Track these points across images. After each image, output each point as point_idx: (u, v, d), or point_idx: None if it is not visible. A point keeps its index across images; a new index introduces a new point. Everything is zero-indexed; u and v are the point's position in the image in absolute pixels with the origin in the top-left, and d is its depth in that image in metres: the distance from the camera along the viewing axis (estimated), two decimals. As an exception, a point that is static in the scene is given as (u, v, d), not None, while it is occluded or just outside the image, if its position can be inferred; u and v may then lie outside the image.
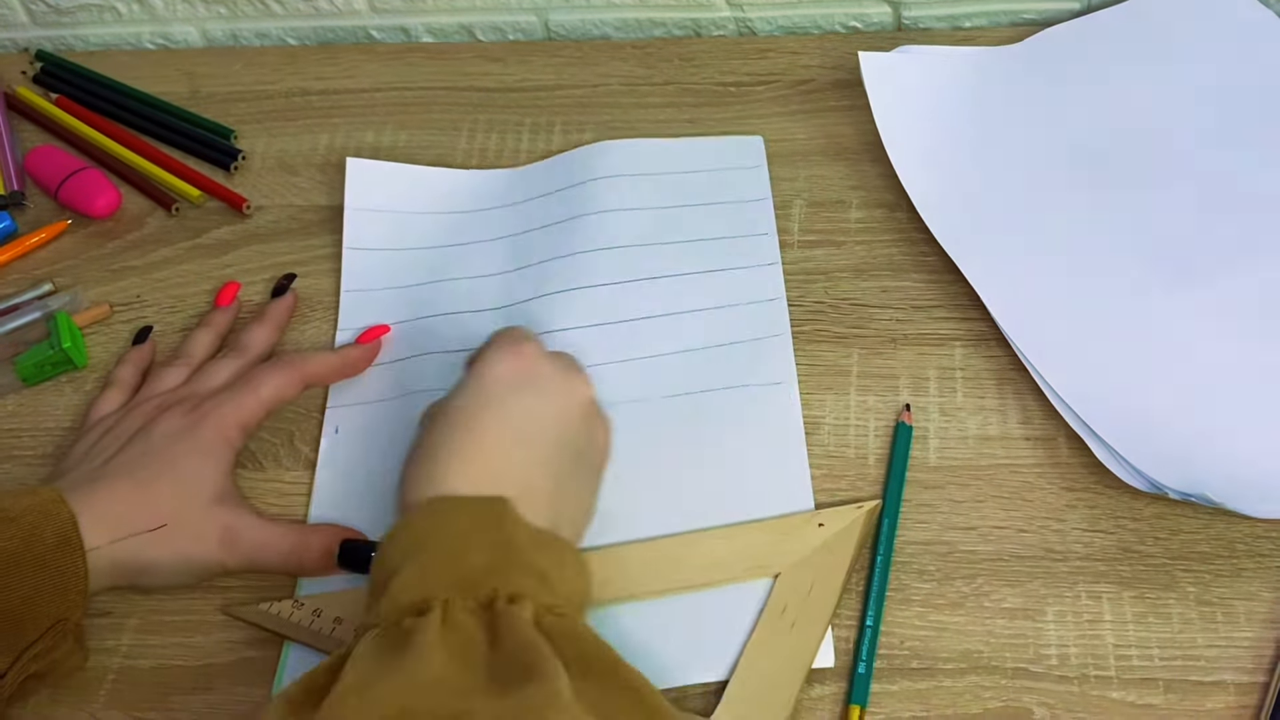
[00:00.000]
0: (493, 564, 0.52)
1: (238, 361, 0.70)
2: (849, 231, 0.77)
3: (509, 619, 0.49)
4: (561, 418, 0.59)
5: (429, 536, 0.53)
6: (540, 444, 0.57)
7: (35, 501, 0.58)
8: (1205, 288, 0.70)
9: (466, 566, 0.51)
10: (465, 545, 0.52)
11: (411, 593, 0.50)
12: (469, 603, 0.50)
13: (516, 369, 0.59)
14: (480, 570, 0.51)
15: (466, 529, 0.53)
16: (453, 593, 0.50)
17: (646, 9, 0.90)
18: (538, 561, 0.53)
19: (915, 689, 0.60)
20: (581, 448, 0.60)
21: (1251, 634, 0.60)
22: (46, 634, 0.57)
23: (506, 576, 0.51)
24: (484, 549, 0.52)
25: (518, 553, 0.52)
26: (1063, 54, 0.83)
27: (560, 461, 0.58)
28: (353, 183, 0.80)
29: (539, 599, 0.51)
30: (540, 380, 0.60)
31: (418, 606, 0.50)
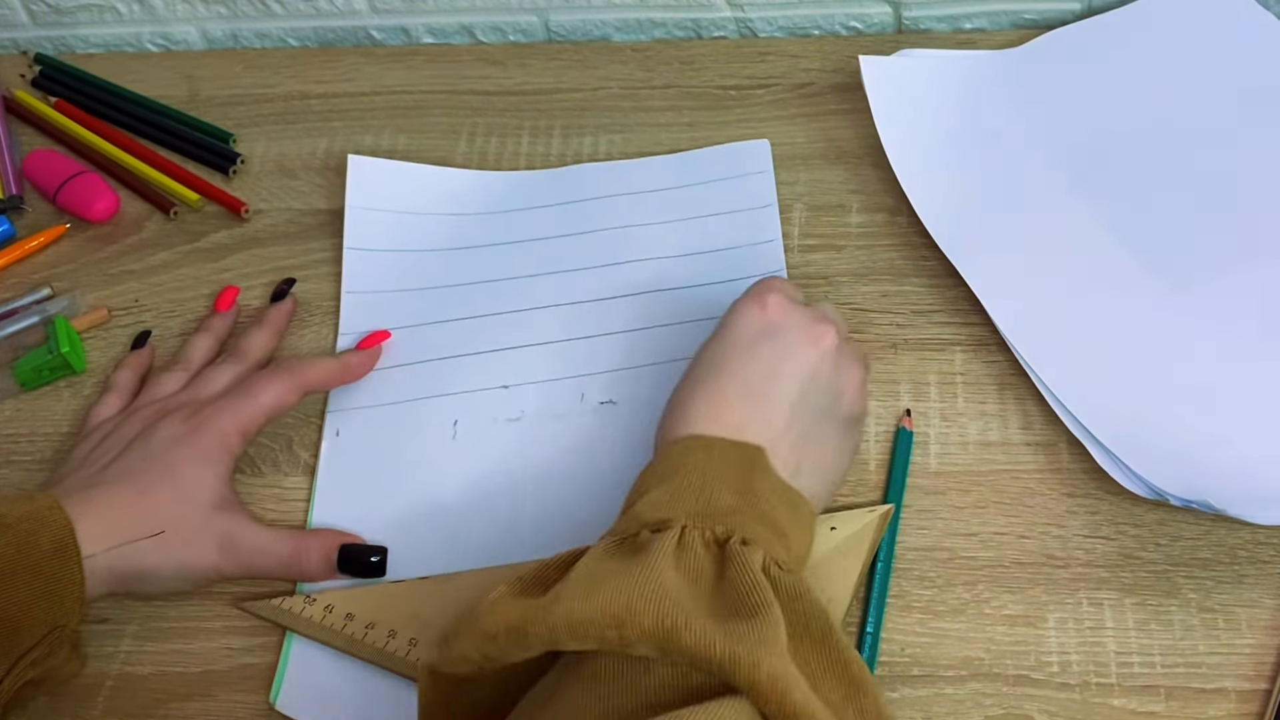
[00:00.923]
0: (735, 506, 0.53)
1: (237, 367, 0.70)
2: (849, 236, 0.77)
3: (739, 559, 0.50)
4: (803, 367, 0.59)
5: (680, 468, 0.54)
6: (779, 396, 0.58)
7: (32, 508, 0.58)
8: (1207, 292, 0.70)
9: (711, 502, 0.53)
10: (714, 483, 0.54)
11: (655, 512, 0.52)
12: (705, 534, 0.51)
13: (760, 320, 0.61)
14: (723, 509, 0.52)
15: (718, 468, 0.54)
16: (693, 521, 0.52)
17: (646, 9, 0.90)
18: (778, 515, 0.54)
19: (916, 696, 0.59)
20: (828, 401, 0.60)
21: (1253, 641, 0.60)
22: (43, 641, 0.57)
23: (745, 521, 0.52)
24: (729, 491, 0.53)
25: (761, 501, 0.54)
26: (1063, 58, 0.83)
27: (804, 411, 0.59)
28: (354, 181, 0.80)
29: (771, 550, 0.52)
30: (780, 332, 0.60)
31: (658, 524, 0.51)
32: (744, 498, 0.54)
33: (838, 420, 0.61)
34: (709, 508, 0.52)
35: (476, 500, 0.67)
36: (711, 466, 0.55)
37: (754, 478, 0.55)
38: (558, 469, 0.68)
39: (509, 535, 0.66)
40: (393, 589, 0.63)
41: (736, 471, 0.55)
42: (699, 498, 0.53)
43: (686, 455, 0.55)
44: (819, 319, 0.62)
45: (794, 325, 0.61)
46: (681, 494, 0.53)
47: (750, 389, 0.58)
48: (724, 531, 0.52)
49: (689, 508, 0.52)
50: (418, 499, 0.67)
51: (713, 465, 0.55)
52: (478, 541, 0.66)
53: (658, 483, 0.54)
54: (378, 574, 0.64)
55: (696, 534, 0.51)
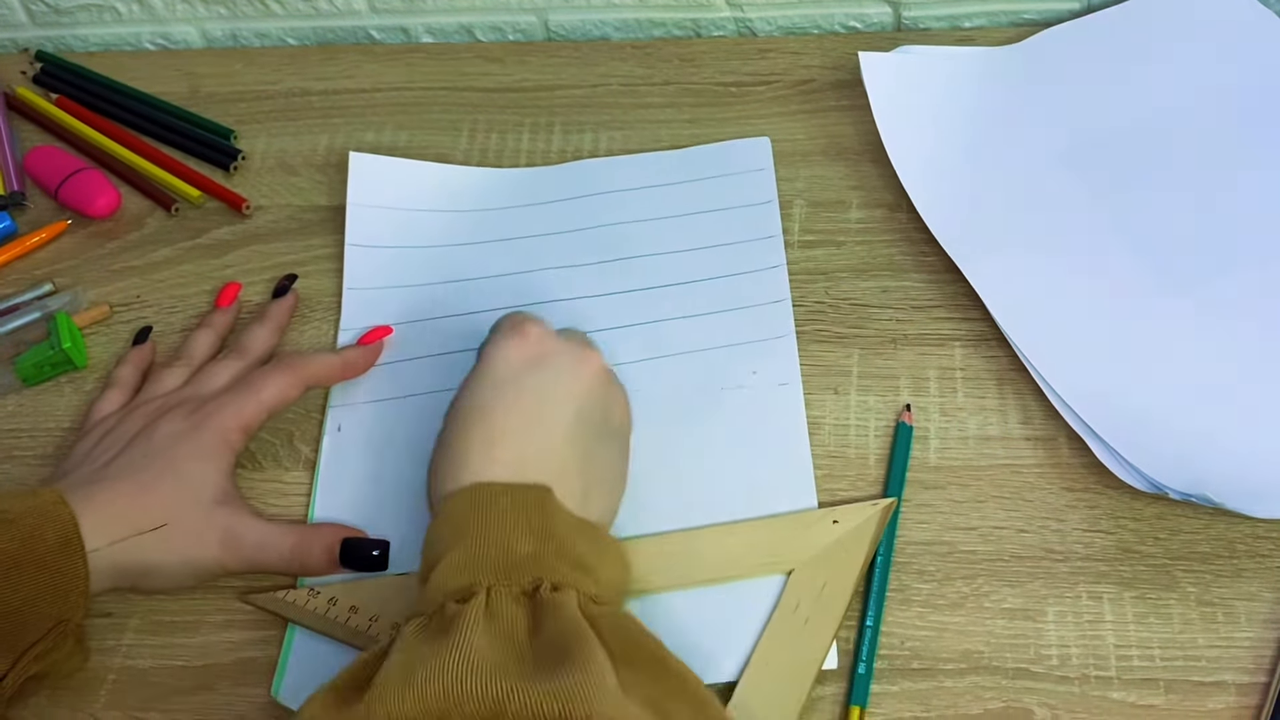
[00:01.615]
0: (536, 552, 0.52)
1: (239, 363, 0.70)
2: (849, 232, 0.77)
3: (553, 606, 0.50)
4: (575, 392, 0.59)
5: (470, 523, 0.53)
6: (558, 422, 0.58)
7: (36, 503, 0.58)
8: (1206, 287, 0.70)
9: (510, 553, 0.52)
10: (508, 532, 0.53)
11: (456, 579, 0.51)
12: (513, 589, 0.50)
13: (522, 352, 0.60)
14: (524, 557, 0.52)
15: (508, 516, 0.53)
16: (496, 579, 0.51)
17: (646, 9, 0.90)
18: (579, 550, 0.53)
19: (916, 689, 0.60)
20: (601, 419, 0.60)
21: (1252, 634, 0.60)
22: (47, 635, 0.57)
23: (550, 565, 0.52)
24: (527, 536, 0.52)
25: (560, 541, 0.53)
26: (1062, 54, 0.83)
27: (582, 437, 0.58)
28: (355, 178, 0.80)
29: (583, 588, 0.51)
30: (548, 359, 0.60)
31: (461, 593, 0.50)
32: (542, 541, 0.53)
33: (613, 439, 0.61)
34: (511, 560, 0.51)
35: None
36: (501, 515, 0.53)
37: (546, 518, 0.54)
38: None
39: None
40: (396, 582, 0.64)
41: (528, 514, 0.53)
42: (496, 553, 0.52)
43: (473, 508, 0.54)
44: (579, 342, 0.62)
45: (558, 351, 0.60)
46: (477, 553, 0.52)
47: (525, 422, 0.57)
48: (530, 582, 0.51)
49: (489, 566, 0.51)
50: (419, 494, 0.67)
51: (502, 514, 0.53)
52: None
53: (451, 544, 0.53)
54: (379, 568, 0.64)
55: (504, 593, 0.50)
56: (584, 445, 0.58)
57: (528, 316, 0.63)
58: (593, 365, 0.61)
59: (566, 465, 0.57)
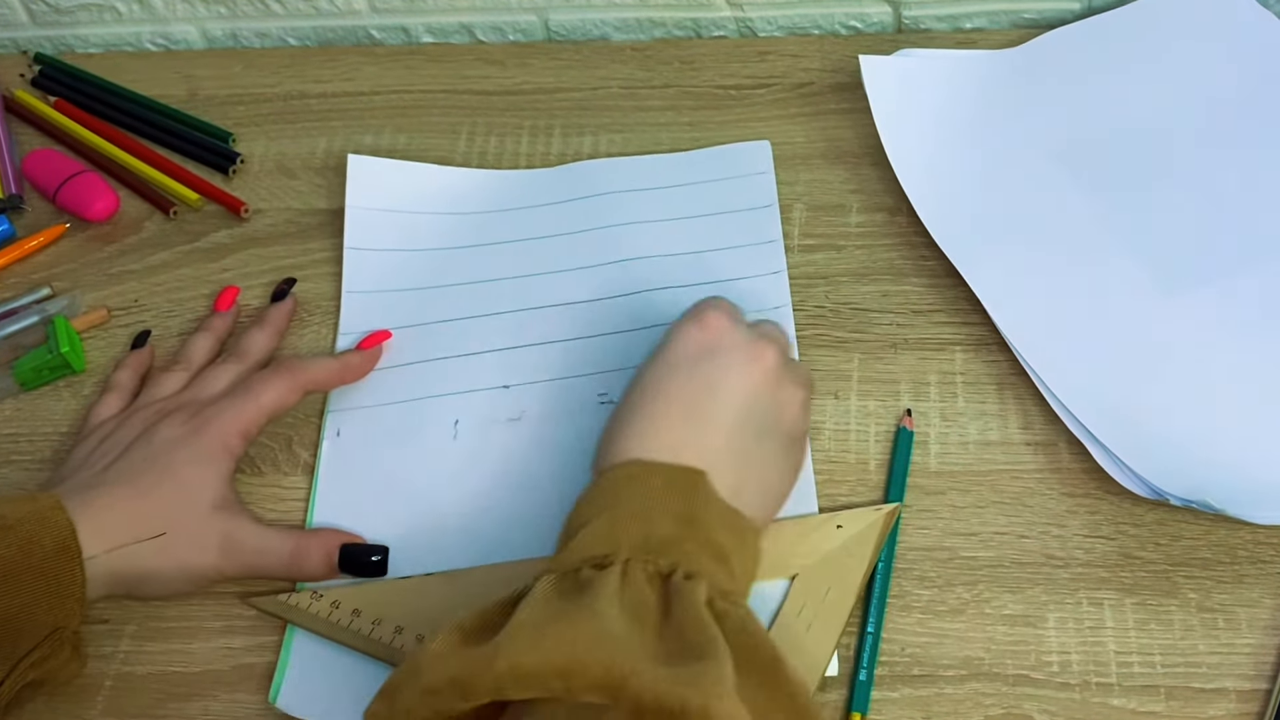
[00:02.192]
0: (677, 535, 0.52)
1: (238, 367, 0.70)
2: (849, 236, 0.77)
3: (684, 594, 0.50)
4: (743, 387, 0.59)
5: (621, 496, 0.54)
6: (721, 416, 0.57)
7: (33, 509, 0.58)
8: (1207, 292, 0.70)
9: (652, 532, 0.52)
10: (654, 511, 0.53)
11: (596, 546, 0.52)
12: (649, 567, 0.51)
13: (700, 339, 0.60)
14: (664, 539, 0.52)
15: (658, 494, 0.54)
16: (635, 553, 0.51)
17: (646, 9, 0.90)
18: (720, 540, 0.53)
19: (916, 696, 0.60)
20: (767, 420, 0.59)
21: (1253, 641, 0.60)
22: (44, 642, 0.57)
23: (689, 551, 0.52)
24: (671, 519, 0.53)
25: (703, 528, 0.53)
26: (1063, 57, 0.83)
27: (745, 432, 0.58)
28: (354, 180, 0.80)
29: (715, 580, 0.51)
30: (722, 351, 0.59)
31: (599, 560, 0.51)
32: (685, 525, 0.53)
33: (779, 439, 0.60)
34: (650, 538, 0.52)
35: (477, 500, 0.67)
36: (651, 493, 0.54)
37: (695, 503, 0.54)
38: (558, 468, 0.68)
39: (509, 535, 0.66)
40: (399, 585, 0.64)
41: (677, 497, 0.54)
42: (640, 528, 0.52)
43: (626, 482, 0.55)
44: (760, 337, 0.61)
45: (734, 344, 0.60)
46: (622, 525, 0.52)
47: (690, 409, 0.57)
48: (667, 565, 0.51)
49: (630, 540, 0.52)
50: (418, 499, 0.67)
51: (653, 492, 0.54)
52: (478, 541, 0.65)
53: (597, 512, 0.53)
54: (378, 574, 0.64)
55: (639, 569, 0.50)
56: (743, 440, 0.58)
57: (716, 303, 0.63)
58: (766, 362, 0.60)
59: (721, 456, 0.56)
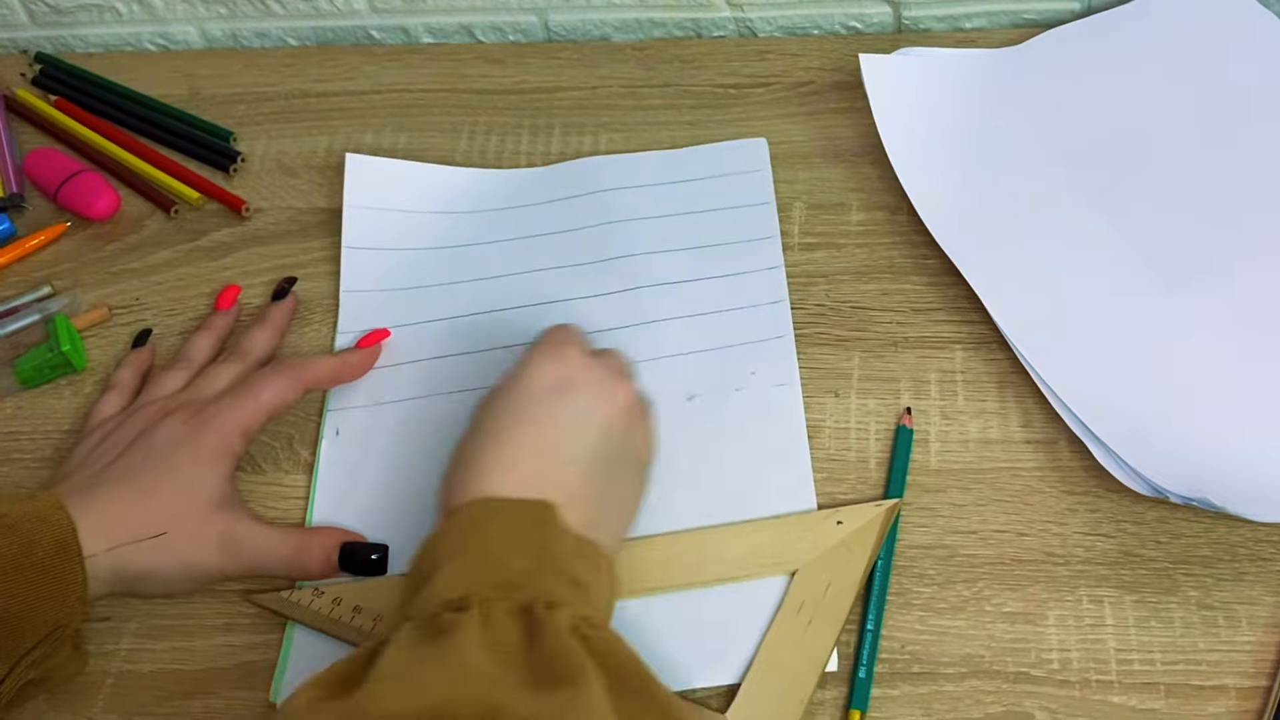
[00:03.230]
0: (532, 569, 0.52)
1: (238, 366, 0.70)
2: (849, 234, 0.77)
3: (546, 624, 0.50)
4: (600, 423, 0.59)
5: (471, 536, 0.53)
6: (578, 450, 0.58)
7: (34, 507, 0.58)
8: (1207, 290, 0.70)
9: (507, 569, 0.52)
10: (507, 548, 0.53)
11: (452, 589, 0.51)
12: (508, 604, 0.50)
13: (557, 373, 0.60)
14: (520, 574, 0.52)
15: (508, 531, 0.53)
16: (493, 593, 0.50)
17: (646, 9, 0.90)
18: (576, 570, 0.53)
19: (916, 693, 0.60)
20: (621, 452, 0.60)
21: (1253, 638, 0.60)
22: (45, 640, 0.57)
23: (545, 583, 0.52)
24: (524, 553, 0.53)
25: (557, 560, 0.53)
26: (1062, 56, 0.83)
27: (599, 467, 0.58)
28: (352, 180, 0.80)
29: (576, 608, 0.51)
30: (579, 386, 0.60)
31: (457, 603, 0.50)
32: (539, 558, 0.53)
33: (631, 470, 0.61)
34: (507, 575, 0.52)
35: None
36: (504, 531, 0.54)
37: (547, 536, 0.54)
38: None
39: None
40: (399, 581, 0.63)
41: (529, 532, 0.54)
42: (494, 567, 0.52)
43: (477, 521, 0.54)
44: (611, 373, 0.61)
45: (590, 380, 0.60)
46: (475, 565, 0.52)
47: (545, 446, 0.57)
48: (526, 598, 0.51)
49: (486, 579, 0.51)
50: (417, 497, 0.67)
51: (505, 529, 0.54)
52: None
53: (450, 555, 0.53)
54: (379, 572, 0.64)
55: (499, 607, 0.50)
56: (601, 475, 0.58)
57: (569, 337, 0.63)
58: (621, 398, 0.60)
59: (578, 491, 0.56)
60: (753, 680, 0.59)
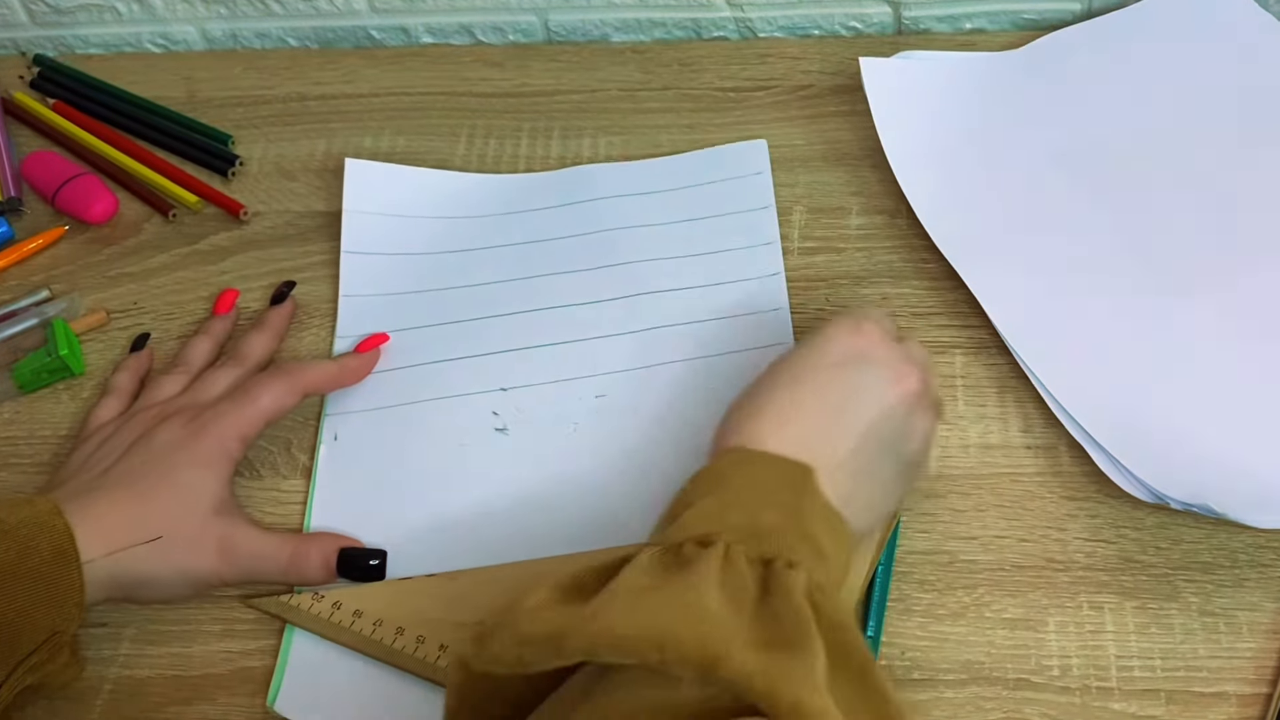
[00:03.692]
0: (781, 525, 0.52)
1: (237, 370, 0.70)
2: (849, 238, 0.76)
3: (783, 582, 0.49)
4: (882, 403, 0.58)
5: (730, 482, 0.54)
6: (854, 422, 0.57)
7: (32, 513, 0.58)
8: (1208, 295, 0.70)
9: (757, 518, 0.52)
10: (761, 499, 0.53)
11: (702, 525, 0.51)
12: (750, 552, 0.50)
13: (850, 344, 0.60)
14: (768, 527, 0.51)
15: (765, 485, 0.54)
16: (738, 537, 0.50)
17: (646, 9, 0.90)
18: (821, 538, 0.53)
19: (916, 700, 0.59)
20: (895, 438, 0.59)
21: (1254, 645, 0.60)
22: (42, 646, 0.57)
23: (790, 540, 0.51)
24: (777, 509, 0.53)
25: (805, 523, 0.53)
26: (1063, 59, 0.82)
27: (869, 445, 0.57)
28: (351, 184, 0.80)
29: (815, 574, 0.51)
30: (871, 361, 0.59)
31: (702, 538, 0.50)
32: (790, 517, 0.53)
33: (898, 461, 0.59)
34: (755, 524, 0.52)
35: (474, 502, 0.67)
36: (761, 481, 0.54)
37: (802, 498, 0.54)
38: (555, 470, 0.68)
39: (507, 537, 0.65)
40: (400, 586, 0.63)
41: (786, 490, 0.54)
42: (745, 513, 0.52)
43: (738, 467, 0.55)
44: (907, 359, 0.60)
45: (884, 358, 0.59)
46: (728, 507, 0.52)
47: (824, 411, 0.57)
48: (769, 551, 0.50)
49: (735, 522, 0.52)
50: (416, 501, 0.67)
51: (762, 480, 0.54)
52: (477, 543, 0.65)
53: (705, 493, 0.53)
54: (377, 578, 0.64)
55: (741, 552, 0.50)
56: (867, 454, 0.57)
57: (873, 314, 0.62)
58: (908, 384, 0.59)
59: (843, 464, 0.56)
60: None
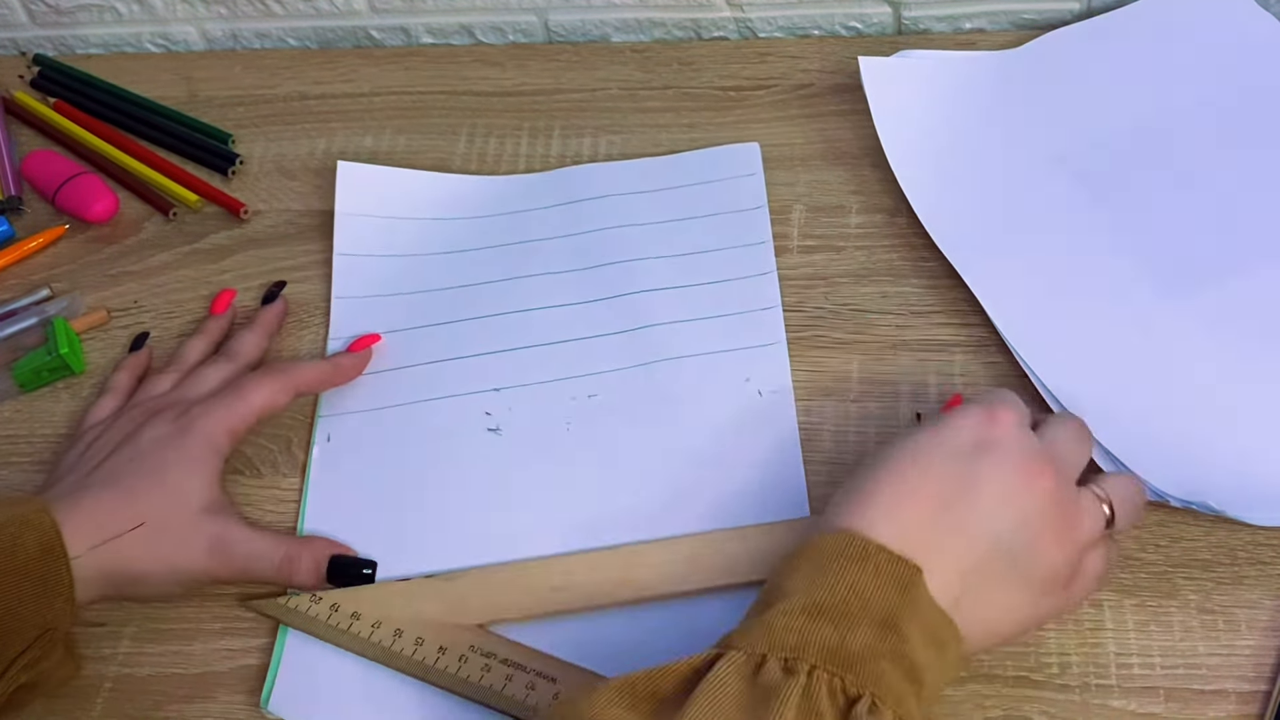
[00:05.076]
0: (873, 649, 0.48)
1: (227, 366, 0.70)
2: (849, 237, 0.76)
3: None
4: (1005, 502, 0.53)
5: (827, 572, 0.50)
6: (970, 521, 0.53)
7: (18, 512, 0.58)
8: (1207, 294, 0.70)
9: (848, 639, 0.48)
10: (856, 608, 0.49)
11: (789, 634, 0.49)
12: (835, 682, 0.47)
13: (980, 432, 0.55)
14: (858, 653, 0.48)
15: (867, 586, 0.50)
16: (824, 662, 0.48)
17: (646, 9, 0.90)
18: (918, 657, 0.49)
19: (915, 698, 0.59)
20: (1024, 546, 0.53)
21: (1253, 642, 0.60)
22: (34, 644, 0.57)
23: (881, 667, 0.48)
24: (872, 624, 0.49)
25: (903, 641, 0.49)
26: (1062, 59, 0.83)
27: (989, 550, 0.53)
28: (344, 187, 0.80)
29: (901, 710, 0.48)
30: (1000, 453, 0.54)
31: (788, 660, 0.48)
32: (886, 636, 0.49)
33: (1022, 578, 0.54)
34: (845, 647, 0.48)
35: (468, 503, 0.67)
36: (860, 582, 0.50)
37: (904, 606, 0.50)
38: (548, 470, 0.68)
39: (500, 538, 0.65)
40: (398, 587, 0.63)
41: (886, 593, 0.50)
42: (839, 628, 0.48)
43: (839, 558, 0.51)
44: (1042, 455, 0.55)
45: (1019, 451, 0.54)
46: (822, 617, 0.49)
47: (942, 500, 0.53)
48: (855, 687, 0.47)
49: (822, 641, 0.48)
50: (409, 502, 0.67)
51: (862, 581, 0.50)
52: (471, 543, 0.65)
53: (803, 584, 0.50)
54: (367, 583, 0.64)
55: (823, 683, 0.47)
56: (982, 556, 0.52)
57: (1009, 401, 0.57)
58: (1040, 486, 0.54)
59: (951, 561, 0.52)
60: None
